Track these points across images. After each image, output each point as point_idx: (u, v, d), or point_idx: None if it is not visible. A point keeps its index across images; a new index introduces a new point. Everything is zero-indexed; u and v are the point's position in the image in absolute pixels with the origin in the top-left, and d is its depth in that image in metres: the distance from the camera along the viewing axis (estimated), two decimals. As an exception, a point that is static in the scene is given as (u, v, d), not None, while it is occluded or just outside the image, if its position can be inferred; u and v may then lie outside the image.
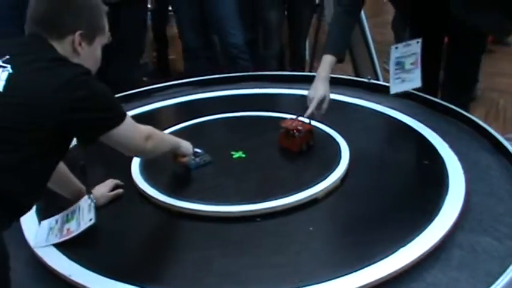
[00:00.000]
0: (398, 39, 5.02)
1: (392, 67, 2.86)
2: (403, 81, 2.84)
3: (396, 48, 2.82)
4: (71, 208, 2.03)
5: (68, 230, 1.93)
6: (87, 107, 1.67)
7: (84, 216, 1.95)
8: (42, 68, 1.66)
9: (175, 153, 2.23)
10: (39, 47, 1.73)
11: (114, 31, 1.98)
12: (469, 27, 2.79)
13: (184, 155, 2.25)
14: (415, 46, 2.76)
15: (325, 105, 2.56)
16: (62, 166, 1.95)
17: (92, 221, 1.91)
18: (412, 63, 2.79)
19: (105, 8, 1.91)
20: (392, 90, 2.89)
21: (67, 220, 1.99)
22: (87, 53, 1.80)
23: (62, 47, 1.75)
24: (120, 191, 2.19)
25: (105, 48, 1.93)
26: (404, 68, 2.81)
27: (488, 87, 5.52)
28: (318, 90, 2.54)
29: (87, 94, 1.67)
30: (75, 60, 1.76)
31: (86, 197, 2.02)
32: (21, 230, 1.99)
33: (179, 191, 2.18)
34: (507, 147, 2.35)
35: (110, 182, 2.21)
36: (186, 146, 2.25)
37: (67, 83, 1.63)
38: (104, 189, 2.17)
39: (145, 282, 1.70)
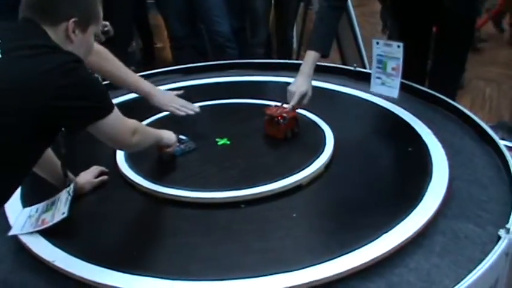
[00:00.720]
0: (387, 29, 5.05)
1: (374, 63, 2.86)
2: (383, 83, 2.85)
3: (377, 43, 2.83)
4: (53, 198, 2.02)
5: (44, 220, 1.93)
6: (75, 95, 1.65)
7: (60, 208, 1.94)
8: (32, 54, 1.64)
9: (158, 145, 2.23)
10: (32, 32, 1.71)
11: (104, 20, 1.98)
12: (455, 15, 2.81)
13: (167, 146, 2.25)
14: (396, 50, 2.74)
15: (305, 101, 2.56)
16: (48, 151, 1.95)
17: (65, 215, 1.89)
18: (393, 69, 2.78)
19: None
20: (372, 88, 2.91)
21: (46, 210, 1.98)
22: (80, 41, 1.78)
23: (55, 33, 1.73)
24: (104, 177, 2.19)
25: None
26: (386, 70, 2.81)
27: (475, 76, 5.54)
28: (300, 86, 2.54)
29: (76, 82, 1.65)
30: (68, 47, 1.74)
31: (65, 189, 2.01)
32: (5, 215, 1.99)
33: (164, 177, 2.18)
34: (491, 135, 2.37)
35: (95, 169, 2.21)
36: (168, 137, 2.24)
37: (56, 68, 1.61)
38: (88, 175, 2.17)
39: (129, 268, 1.70)
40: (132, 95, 2.97)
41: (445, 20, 3.04)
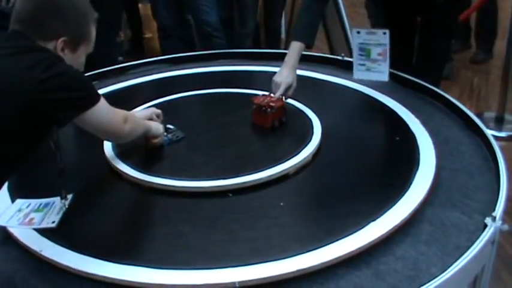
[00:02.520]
0: (371, 18, 5.06)
1: (355, 52, 2.87)
2: (368, 69, 2.85)
3: (358, 33, 2.83)
4: (48, 199, 2.01)
5: (31, 220, 1.91)
6: (59, 86, 1.65)
7: (51, 215, 1.93)
8: (14, 52, 1.65)
9: (146, 136, 2.23)
10: (20, 39, 1.71)
11: (95, 10, 1.96)
12: (439, 6, 2.82)
13: (155, 137, 2.25)
14: (381, 36, 2.75)
15: (290, 92, 2.56)
16: None
17: (53, 225, 1.87)
18: (379, 54, 2.79)
19: (95, 16, 1.90)
20: (356, 75, 2.91)
21: (37, 209, 1.97)
22: (69, 59, 1.77)
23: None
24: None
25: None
26: (370, 57, 2.82)
27: (463, 66, 5.56)
28: (286, 78, 2.54)
29: (59, 73, 1.65)
30: None
31: (63, 199, 2.00)
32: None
33: (151, 166, 2.18)
34: (478, 125, 2.38)
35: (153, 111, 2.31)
36: (155, 127, 2.25)
37: (38, 63, 1.62)
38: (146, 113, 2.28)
39: (116, 257, 1.70)
40: (118, 86, 2.98)
41: (429, 11, 3.05)
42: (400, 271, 1.65)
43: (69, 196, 2.01)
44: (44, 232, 1.83)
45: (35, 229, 1.86)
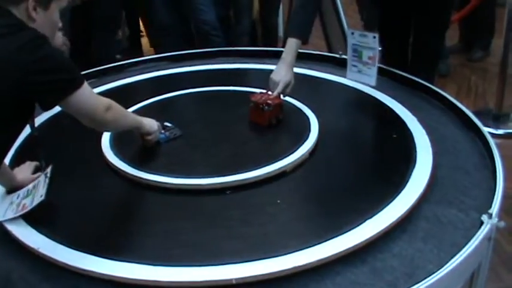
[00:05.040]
0: (362, 12, 5.06)
1: (349, 52, 2.89)
2: (359, 71, 2.86)
3: (352, 33, 2.85)
4: (33, 183, 2.02)
5: (24, 205, 1.92)
6: (45, 69, 1.65)
7: (38, 192, 1.93)
8: (3, 33, 1.64)
9: (139, 133, 2.23)
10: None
11: (92, 8, 1.96)
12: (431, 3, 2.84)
13: (149, 133, 2.24)
14: (371, 40, 2.76)
15: (288, 90, 2.56)
16: None
17: (42, 198, 1.88)
18: (369, 58, 2.80)
19: None
20: (348, 75, 2.93)
21: (27, 195, 1.98)
22: (43, 19, 1.76)
23: (18, 12, 1.71)
24: (40, 173, 2.09)
25: (84, 26, 1.90)
26: (362, 59, 2.83)
27: (460, 64, 5.57)
28: (284, 76, 2.54)
29: (44, 56, 1.65)
30: (31, 25, 1.72)
31: (43, 173, 2.00)
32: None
33: (149, 164, 2.18)
34: (475, 122, 2.38)
35: (30, 164, 2.18)
36: (149, 124, 2.23)
37: (25, 45, 1.62)
38: (26, 172, 2.13)
39: (114, 254, 1.70)
40: (116, 83, 2.98)
41: (422, 8, 3.06)
42: (397, 268, 1.65)
43: (49, 167, 1.99)
44: (41, 229, 1.83)
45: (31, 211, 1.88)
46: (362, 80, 2.85)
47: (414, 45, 3.22)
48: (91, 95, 1.82)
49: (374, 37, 2.75)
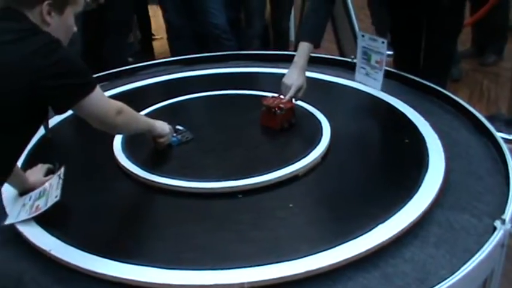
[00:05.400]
0: (373, 16, 5.05)
1: (359, 54, 2.90)
2: (367, 74, 2.88)
3: (363, 36, 2.87)
4: (45, 185, 2.03)
5: (37, 207, 1.93)
6: (58, 73, 1.65)
7: (52, 193, 1.94)
8: (14, 38, 1.64)
9: (151, 135, 2.23)
10: (11, 17, 1.71)
11: (104, 12, 1.96)
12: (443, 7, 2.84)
13: (160, 136, 2.25)
14: (380, 45, 2.77)
15: (300, 94, 2.56)
16: None
17: (57, 198, 1.89)
18: (377, 62, 2.80)
19: None
20: (357, 78, 2.94)
21: (39, 197, 1.99)
22: (57, 23, 1.76)
23: (33, 16, 1.71)
24: (51, 176, 2.11)
25: (96, 29, 1.90)
26: (370, 62, 2.84)
27: (472, 68, 5.55)
28: (297, 80, 2.54)
29: (58, 60, 1.65)
30: (45, 29, 1.73)
31: (56, 174, 2.01)
32: (1, 203, 2.01)
33: (161, 167, 2.18)
34: (488, 127, 2.37)
35: (42, 167, 2.19)
36: (161, 127, 2.23)
37: (39, 49, 1.62)
38: (38, 174, 2.14)
39: (126, 257, 1.71)
40: (128, 87, 2.99)
41: (434, 11, 3.05)
42: (409, 273, 1.65)
43: (62, 168, 2.01)
44: (53, 232, 1.84)
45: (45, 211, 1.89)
46: (369, 84, 2.85)
47: (426, 49, 3.21)
48: (103, 99, 1.83)
49: (383, 42, 2.76)
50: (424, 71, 3.18)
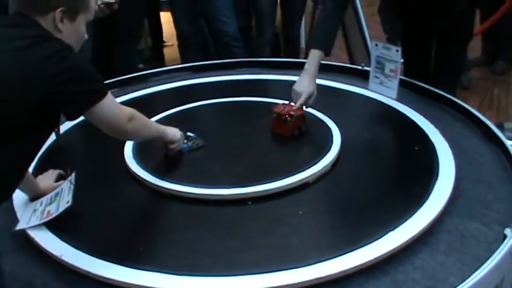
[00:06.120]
0: (384, 23, 5.05)
1: (372, 63, 2.91)
2: (381, 83, 2.88)
3: (376, 45, 2.87)
4: (56, 190, 2.04)
5: (49, 212, 1.94)
6: (70, 80, 1.66)
7: (63, 198, 1.95)
8: (26, 45, 1.64)
9: (163, 141, 2.24)
10: (23, 23, 1.71)
11: (114, 18, 1.96)
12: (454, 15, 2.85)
13: (172, 142, 2.25)
14: (394, 53, 2.77)
15: (311, 101, 2.56)
16: None
17: (69, 204, 1.91)
18: (391, 71, 2.80)
19: None
20: (370, 87, 2.94)
21: (50, 202, 2.00)
22: (69, 30, 1.77)
23: (45, 23, 1.72)
24: (62, 182, 2.13)
25: (107, 35, 1.91)
26: (384, 71, 2.84)
27: (482, 76, 5.53)
28: (307, 87, 2.54)
29: (69, 66, 1.66)
30: (58, 36, 1.73)
31: (67, 179, 2.02)
32: (12, 209, 2.02)
33: (172, 173, 2.19)
34: (498, 135, 2.37)
35: (53, 172, 2.20)
36: (172, 133, 2.24)
37: (50, 56, 1.62)
38: (49, 180, 2.16)
39: (136, 262, 1.71)
40: (139, 93, 3.00)
41: (445, 19, 3.05)
42: (419, 281, 1.65)
43: (73, 174, 2.02)
44: (64, 237, 1.85)
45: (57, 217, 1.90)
46: (383, 92, 2.85)
47: (436, 57, 3.21)
48: (114, 105, 1.83)
49: (397, 50, 2.75)
50: (435, 78, 3.18)
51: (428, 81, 3.02)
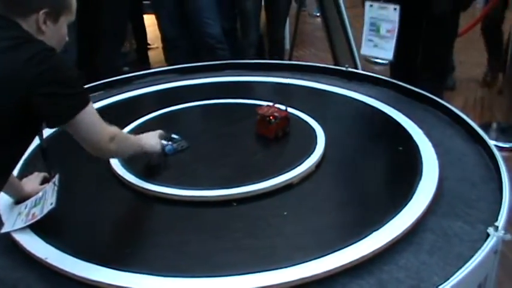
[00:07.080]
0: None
1: (366, 26, 2.85)
2: (375, 45, 2.83)
3: (371, 6, 2.80)
4: (40, 193, 2.04)
5: (33, 214, 1.93)
6: (52, 80, 1.65)
7: (48, 201, 1.95)
8: (6, 46, 1.65)
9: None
10: (4, 25, 1.71)
11: (98, 20, 1.97)
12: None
13: (152, 153, 2.22)
14: (391, 13, 2.72)
15: None
16: None
17: (53, 205, 1.89)
18: (388, 31, 2.76)
19: None
20: (363, 51, 2.90)
21: (35, 205, 1.99)
22: (52, 32, 1.78)
23: (27, 25, 1.72)
24: (47, 185, 2.09)
25: (91, 38, 1.91)
26: (379, 33, 2.79)
27: (466, 77, 5.56)
28: None
29: (52, 67, 1.65)
30: (39, 38, 1.73)
31: (51, 181, 2.02)
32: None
33: (156, 175, 2.19)
34: (481, 135, 2.39)
35: (38, 175, 2.19)
36: (150, 147, 2.16)
37: (31, 58, 1.62)
38: (34, 183, 2.15)
39: (121, 265, 1.71)
40: (123, 96, 2.99)
41: (428, 21, 3.07)
42: (403, 280, 1.65)
43: (56, 176, 2.01)
44: (49, 240, 1.84)
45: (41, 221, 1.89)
46: (378, 55, 2.83)
47: (422, 57, 3.23)
48: (97, 123, 1.79)
49: (395, 9, 2.71)
50: (420, 78, 3.20)
51: (414, 81, 3.03)
